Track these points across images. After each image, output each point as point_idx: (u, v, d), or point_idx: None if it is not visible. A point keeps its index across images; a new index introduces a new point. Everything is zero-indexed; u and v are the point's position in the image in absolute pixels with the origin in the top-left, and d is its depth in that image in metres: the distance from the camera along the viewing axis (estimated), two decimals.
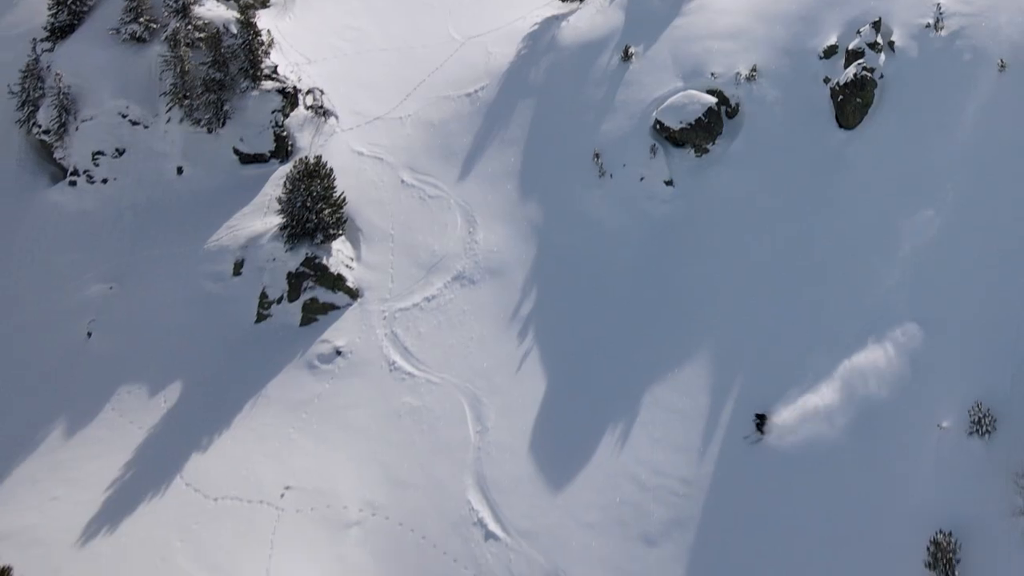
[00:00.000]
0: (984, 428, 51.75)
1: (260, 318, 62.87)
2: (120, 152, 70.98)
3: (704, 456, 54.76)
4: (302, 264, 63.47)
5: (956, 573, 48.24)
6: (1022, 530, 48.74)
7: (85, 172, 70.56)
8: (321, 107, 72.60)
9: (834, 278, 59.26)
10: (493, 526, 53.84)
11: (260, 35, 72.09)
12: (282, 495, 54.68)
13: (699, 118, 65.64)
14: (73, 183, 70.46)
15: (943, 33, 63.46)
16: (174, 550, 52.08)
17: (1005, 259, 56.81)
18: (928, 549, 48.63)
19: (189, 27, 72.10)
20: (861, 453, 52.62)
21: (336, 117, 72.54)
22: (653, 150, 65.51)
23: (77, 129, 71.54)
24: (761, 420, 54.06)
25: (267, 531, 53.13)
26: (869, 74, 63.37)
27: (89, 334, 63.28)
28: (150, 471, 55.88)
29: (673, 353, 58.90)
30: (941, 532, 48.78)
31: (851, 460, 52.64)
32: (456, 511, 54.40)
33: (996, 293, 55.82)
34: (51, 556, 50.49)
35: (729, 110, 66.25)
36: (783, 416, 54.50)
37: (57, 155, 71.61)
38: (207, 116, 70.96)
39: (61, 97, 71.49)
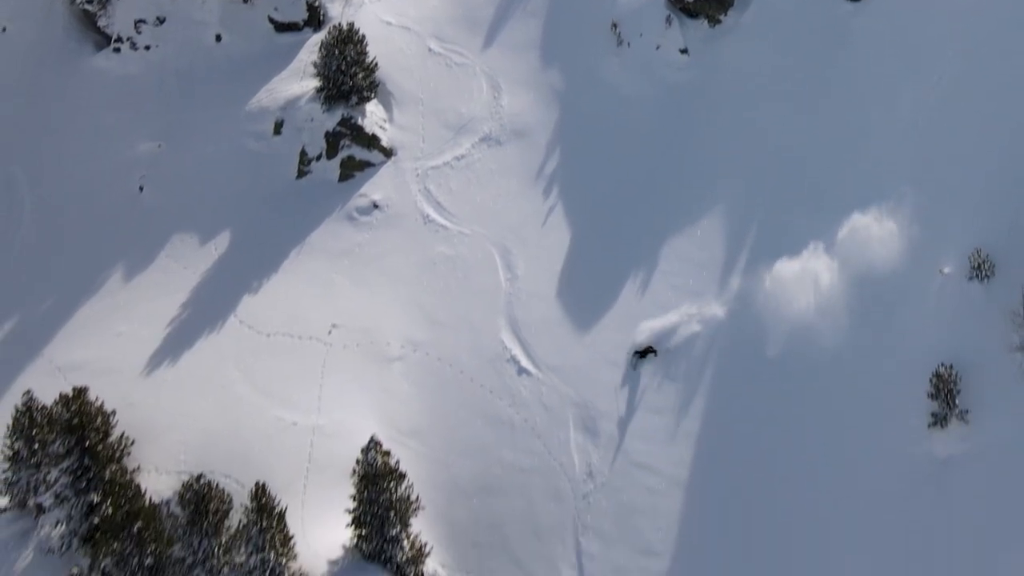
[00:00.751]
0: (983, 273, 53.09)
1: (300, 174, 63.80)
2: (161, 20, 71.14)
3: (721, 296, 56.10)
4: (338, 124, 64.22)
5: (956, 402, 49.82)
6: (1019, 364, 50.29)
7: (128, 39, 70.78)
8: None
9: (839, 142, 60.34)
10: (525, 362, 55.36)
11: None
12: (329, 332, 55.95)
13: None
14: (117, 50, 70.73)
15: None
16: (233, 379, 53.49)
17: (1002, 119, 57.99)
18: (931, 381, 50.11)
19: None
20: (865, 297, 54.00)
21: None
22: (668, 20, 66.17)
23: None
24: (644, 354, 54.54)
25: (317, 364, 54.54)
26: None
27: (141, 188, 64.13)
28: (206, 310, 57.13)
29: (689, 208, 60.13)
30: (943, 365, 50.20)
31: (856, 303, 54.00)
32: (491, 349, 55.87)
33: (993, 149, 57.08)
34: (119, 384, 51.71)
35: None
36: (792, 265, 55.67)
37: (100, 23, 71.65)
38: None
39: None
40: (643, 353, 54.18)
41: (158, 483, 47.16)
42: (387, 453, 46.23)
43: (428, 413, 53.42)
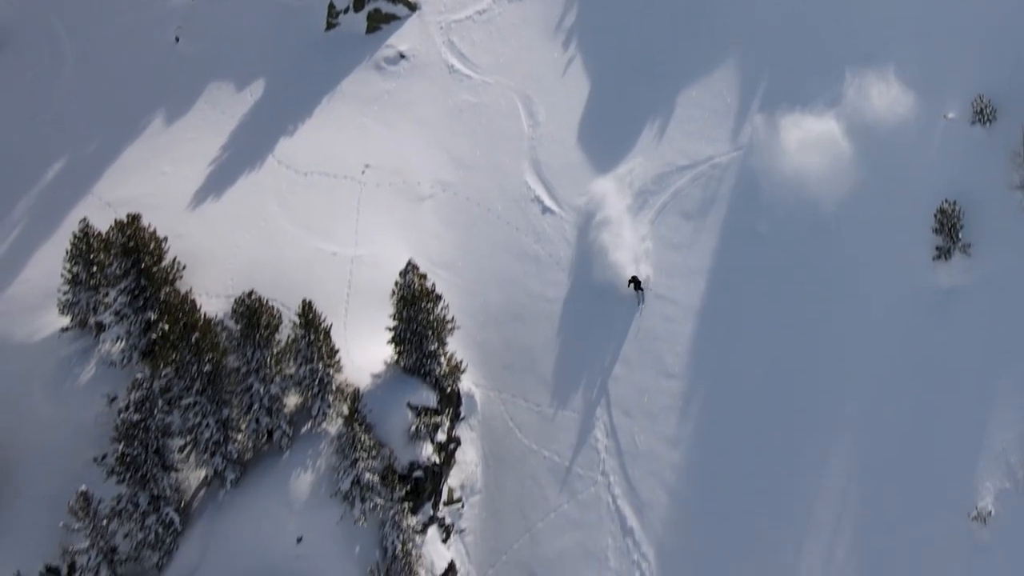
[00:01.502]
0: (986, 117, 53.95)
1: (329, 26, 64.58)
2: None
3: (735, 142, 57.20)
4: None
5: (959, 236, 51.07)
6: (1019, 201, 51.52)
7: None
8: None
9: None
10: (548, 202, 56.68)
11: None
12: (363, 172, 57.18)
13: None
14: None
15: None
16: (273, 213, 54.80)
17: None
18: (935, 217, 51.26)
19: None
20: (872, 143, 54.80)
21: None
22: None
23: None
24: (638, 286, 53.83)
25: (352, 200, 55.87)
26: None
27: (176, 39, 64.78)
28: (245, 151, 58.30)
29: (704, 60, 60.86)
30: (947, 201, 51.30)
31: (863, 149, 54.85)
32: (516, 189, 57.15)
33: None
34: (167, 217, 52.89)
35: None
36: (802, 112, 56.56)
37: None
38: None
39: None
40: (637, 286, 53.62)
41: (209, 305, 48.49)
42: (424, 276, 47.51)
43: (458, 247, 54.83)
